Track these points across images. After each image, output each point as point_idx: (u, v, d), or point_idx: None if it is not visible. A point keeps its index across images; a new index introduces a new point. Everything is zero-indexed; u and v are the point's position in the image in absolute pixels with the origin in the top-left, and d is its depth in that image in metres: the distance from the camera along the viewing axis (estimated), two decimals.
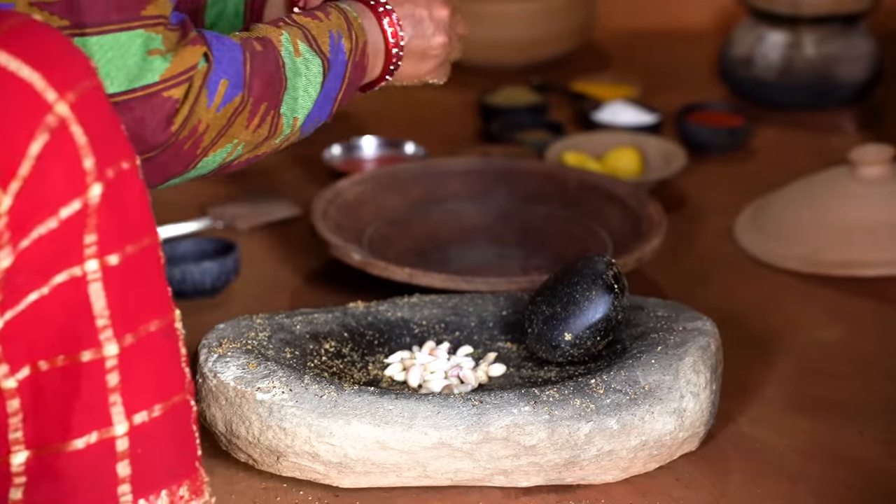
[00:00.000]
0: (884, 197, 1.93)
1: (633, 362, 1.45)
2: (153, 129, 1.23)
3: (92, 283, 1.07)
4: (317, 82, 1.37)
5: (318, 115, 1.39)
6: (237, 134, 1.31)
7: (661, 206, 1.88)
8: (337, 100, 1.40)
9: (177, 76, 1.23)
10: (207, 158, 1.30)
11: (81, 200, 1.04)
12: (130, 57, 1.21)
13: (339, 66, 1.39)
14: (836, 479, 1.46)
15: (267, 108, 1.32)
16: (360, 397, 1.39)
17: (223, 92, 1.28)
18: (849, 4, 2.40)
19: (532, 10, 2.61)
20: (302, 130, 1.38)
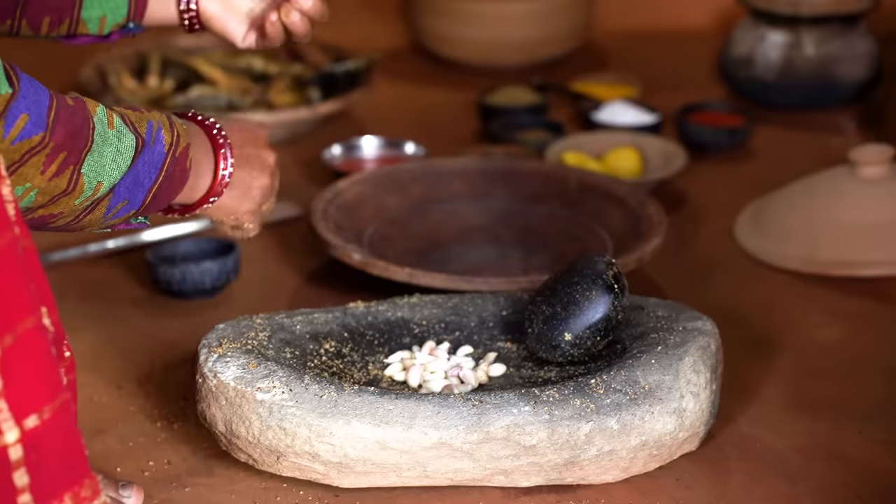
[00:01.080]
0: (883, 197, 1.93)
1: (633, 362, 1.45)
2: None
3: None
4: (127, 156, 1.31)
5: (128, 196, 1.33)
6: (31, 177, 1.25)
7: (661, 206, 1.88)
8: (151, 192, 1.35)
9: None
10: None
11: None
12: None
13: (156, 155, 1.35)
14: (836, 479, 1.46)
15: (66, 160, 1.26)
16: (360, 397, 1.39)
17: (22, 126, 1.22)
18: (849, 4, 2.40)
19: (532, 10, 2.61)
20: (109, 206, 1.32)
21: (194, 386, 1.46)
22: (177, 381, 1.61)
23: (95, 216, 1.32)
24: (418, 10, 2.67)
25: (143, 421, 1.55)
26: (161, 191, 1.36)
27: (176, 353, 1.67)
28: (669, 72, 2.61)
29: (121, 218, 1.35)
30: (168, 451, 1.49)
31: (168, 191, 1.37)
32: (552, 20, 2.63)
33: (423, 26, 2.67)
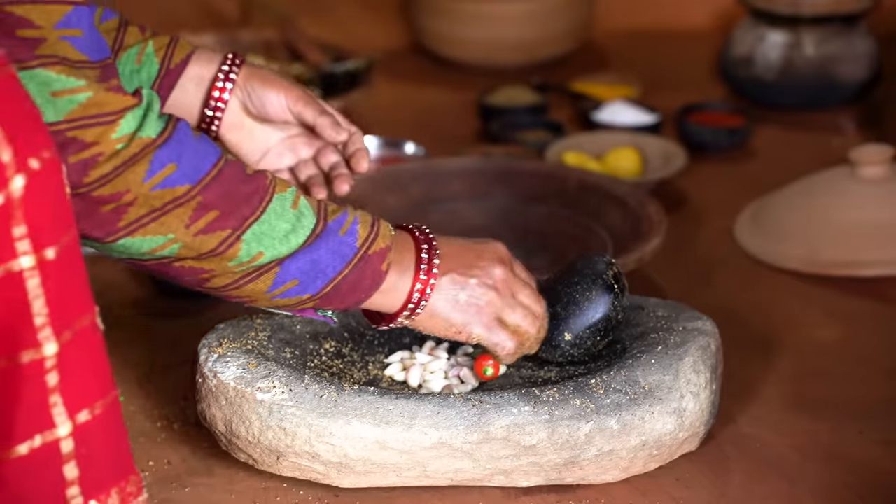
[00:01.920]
0: (884, 197, 1.93)
1: (633, 362, 1.45)
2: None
3: (29, 279, 1.04)
4: (302, 235, 1.32)
5: (301, 278, 1.33)
6: (173, 228, 1.26)
7: (661, 206, 1.88)
8: (333, 281, 1.35)
9: (86, 118, 1.19)
10: (134, 239, 1.25)
11: (4, 194, 1.02)
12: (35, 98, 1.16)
13: (345, 246, 1.35)
14: (836, 479, 1.46)
15: (218, 220, 1.27)
16: (360, 397, 1.39)
17: (167, 174, 1.24)
18: (849, 4, 2.40)
19: (532, 10, 2.61)
20: (275, 281, 1.32)
21: (194, 386, 1.46)
22: (177, 381, 1.61)
23: (258, 287, 1.33)
24: (418, 10, 2.67)
25: (143, 421, 1.55)
26: (346, 284, 1.36)
27: (176, 353, 1.67)
28: (669, 72, 2.61)
29: (292, 299, 1.35)
30: (168, 451, 1.49)
31: (356, 287, 1.37)
32: (552, 20, 2.63)
33: (423, 26, 2.67)
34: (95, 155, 1.21)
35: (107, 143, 1.21)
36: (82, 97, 1.19)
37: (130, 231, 1.25)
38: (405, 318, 1.41)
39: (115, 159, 1.21)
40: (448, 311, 1.41)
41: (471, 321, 1.42)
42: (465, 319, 1.42)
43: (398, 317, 1.41)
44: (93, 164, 1.21)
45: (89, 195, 1.22)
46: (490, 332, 1.43)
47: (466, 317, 1.42)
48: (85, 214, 1.23)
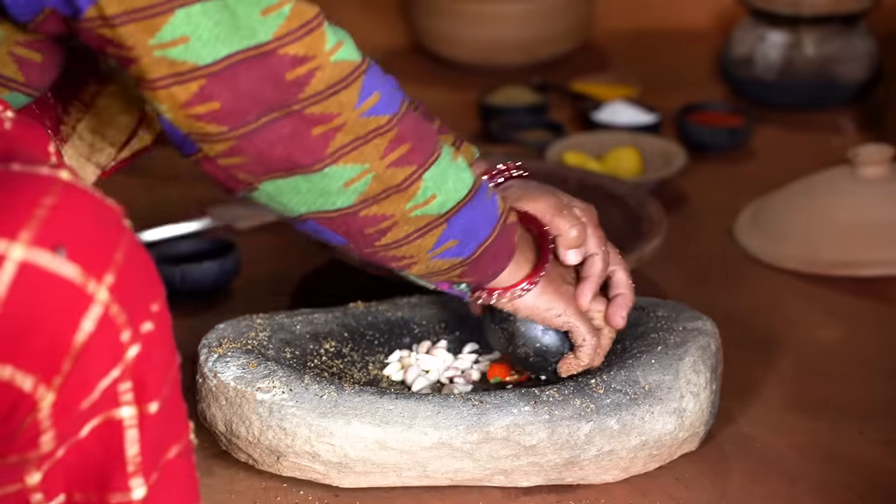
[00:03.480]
0: (884, 197, 1.93)
1: (633, 362, 1.45)
2: (272, 86, 1.19)
3: (128, 429, 1.05)
4: (463, 189, 1.33)
5: (461, 237, 1.34)
6: (371, 158, 1.26)
7: (661, 206, 1.88)
8: (482, 246, 1.35)
9: (293, 31, 1.19)
10: (336, 167, 1.25)
11: (120, 367, 1.03)
12: (241, 18, 1.16)
13: (490, 212, 1.36)
14: (836, 479, 1.46)
15: (408, 154, 1.28)
16: (360, 397, 1.39)
17: (373, 102, 1.24)
18: (849, 4, 2.40)
19: (532, 10, 2.61)
20: (441, 237, 1.32)
21: (194, 386, 1.46)
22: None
23: (425, 243, 1.33)
24: (418, 10, 2.67)
25: None
26: (490, 251, 1.37)
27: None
28: (669, 72, 2.61)
29: (447, 261, 1.36)
30: None
31: (496, 255, 1.38)
32: (552, 20, 2.63)
33: (423, 26, 2.67)
34: (313, 69, 1.20)
35: (322, 56, 1.20)
36: (287, 9, 1.18)
37: (335, 158, 1.24)
38: (515, 295, 1.41)
39: (330, 77, 1.21)
40: (551, 296, 1.42)
41: (568, 308, 1.43)
42: (564, 306, 1.43)
43: (508, 291, 1.41)
44: (310, 78, 1.20)
45: (302, 113, 1.21)
46: (582, 318, 1.44)
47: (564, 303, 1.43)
48: (295, 140, 1.22)
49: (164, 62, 1.16)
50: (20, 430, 1.01)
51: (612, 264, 1.46)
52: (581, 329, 1.43)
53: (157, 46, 1.15)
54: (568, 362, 1.45)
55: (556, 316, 1.43)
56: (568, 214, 1.43)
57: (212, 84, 1.17)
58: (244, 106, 1.19)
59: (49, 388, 1.00)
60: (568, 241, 1.43)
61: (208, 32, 1.16)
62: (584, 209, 1.46)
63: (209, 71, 1.17)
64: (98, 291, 1.01)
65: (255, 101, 1.19)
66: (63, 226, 1.00)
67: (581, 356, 1.44)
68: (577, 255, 1.43)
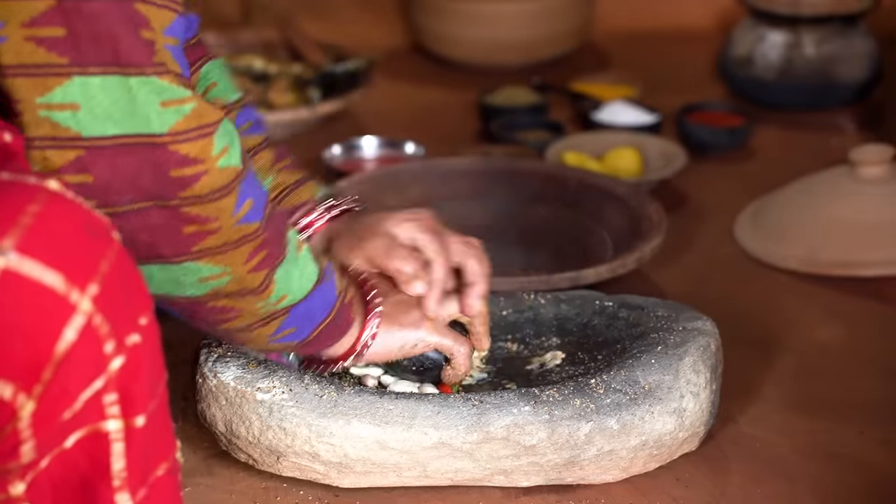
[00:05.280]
0: (883, 197, 1.93)
1: (633, 362, 1.45)
2: (153, 177, 1.16)
3: (114, 442, 1.05)
4: (309, 282, 1.32)
5: (298, 324, 1.34)
6: (235, 263, 1.24)
7: (661, 206, 1.88)
8: (317, 329, 1.35)
9: (189, 131, 1.17)
10: (197, 264, 1.23)
11: (104, 378, 1.03)
12: (139, 103, 1.14)
13: (329, 295, 1.35)
14: (836, 479, 1.46)
15: (265, 260, 1.26)
16: (360, 397, 1.39)
17: (247, 209, 1.23)
18: (849, 4, 2.40)
19: (532, 10, 2.61)
20: (280, 326, 1.32)
21: (194, 386, 1.46)
22: (177, 381, 1.61)
23: (264, 332, 1.32)
24: (418, 10, 2.67)
25: None
26: (325, 332, 1.37)
27: (176, 353, 1.66)
28: (669, 72, 2.61)
29: (282, 345, 1.36)
30: None
31: (330, 334, 1.38)
32: (552, 20, 2.63)
33: (423, 26, 2.67)
34: (199, 172, 1.18)
35: (210, 161, 1.18)
36: (188, 108, 1.16)
37: (199, 256, 1.22)
38: (361, 356, 1.42)
39: (214, 182, 1.19)
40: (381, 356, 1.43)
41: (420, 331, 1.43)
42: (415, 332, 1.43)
43: (337, 363, 1.42)
44: (194, 181, 1.18)
45: (178, 210, 1.18)
46: (441, 333, 1.44)
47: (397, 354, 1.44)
48: (164, 231, 1.19)
49: (46, 123, 1.12)
50: (0, 439, 1.01)
51: (458, 257, 1.46)
52: (445, 343, 1.44)
53: (43, 106, 1.12)
54: (448, 374, 1.47)
55: (413, 347, 1.44)
56: (396, 253, 1.42)
57: (90, 157, 1.14)
58: (118, 187, 1.15)
59: (29, 396, 1.00)
60: (404, 279, 1.43)
61: (101, 108, 1.13)
62: (414, 219, 1.45)
63: (90, 144, 1.13)
64: (81, 301, 1.00)
65: (131, 186, 1.16)
66: (47, 234, 1.00)
67: (457, 366, 1.46)
68: (418, 287, 1.43)
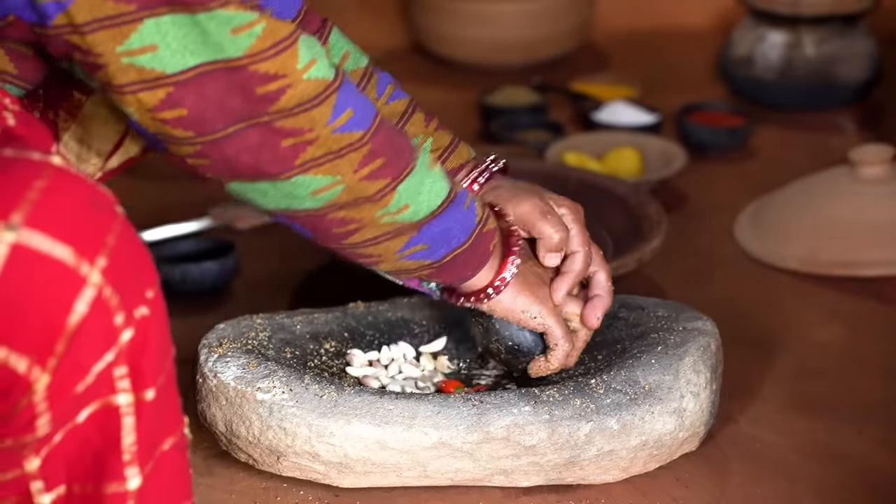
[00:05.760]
0: (883, 197, 1.93)
1: (633, 362, 1.45)
2: (240, 98, 1.19)
3: (125, 416, 1.06)
4: (438, 199, 1.33)
5: (431, 243, 1.35)
6: (343, 171, 1.27)
7: (661, 206, 1.88)
8: (454, 252, 1.36)
9: (265, 50, 1.19)
10: (305, 177, 1.25)
11: (114, 351, 1.04)
12: (210, 35, 1.17)
13: (468, 220, 1.36)
14: (836, 478, 1.46)
15: (382, 168, 1.28)
16: (360, 397, 1.39)
17: (346, 119, 1.25)
18: (849, 4, 2.40)
19: (532, 10, 2.61)
20: (409, 241, 1.33)
21: (194, 386, 1.46)
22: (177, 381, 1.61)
23: (393, 246, 1.34)
24: (418, 9, 2.67)
25: None
26: (462, 258, 1.38)
27: (176, 352, 1.66)
28: (669, 72, 2.61)
29: (415, 263, 1.37)
30: None
31: (468, 262, 1.39)
32: (552, 20, 2.63)
33: (423, 26, 2.67)
34: (284, 86, 1.20)
35: (294, 74, 1.21)
36: (258, 29, 1.19)
37: (305, 169, 1.25)
38: (484, 297, 1.42)
39: (302, 94, 1.21)
40: (527, 298, 1.43)
41: (544, 310, 1.43)
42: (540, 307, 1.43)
43: (471, 297, 1.42)
44: (280, 95, 1.20)
45: (271, 125, 1.21)
46: (558, 321, 1.44)
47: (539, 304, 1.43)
48: (263, 150, 1.22)
49: (131, 69, 1.16)
50: (15, 413, 1.01)
51: (594, 265, 1.47)
52: (556, 332, 1.44)
53: (124, 53, 1.16)
54: (538, 364, 1.47)
55: (531, 318, 1.44)
56: (552, 218, 1.44)
57: (179, 92, 1.18)
58: (211, 115, 1.19)
59: (44, 369, 1.00)
60: (549, 244, 1.44)
61: (176, 43, 1.16)
62: (570, 208, 1.47)
63: (176, 79, 1.17)
64: (91, 273, 1.01)
65: (222, 111, 1.20)
66: (54, 208, 1.01)
67: (552, 360, 1.46)
68: (555, 258, 1.44)
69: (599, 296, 1.47)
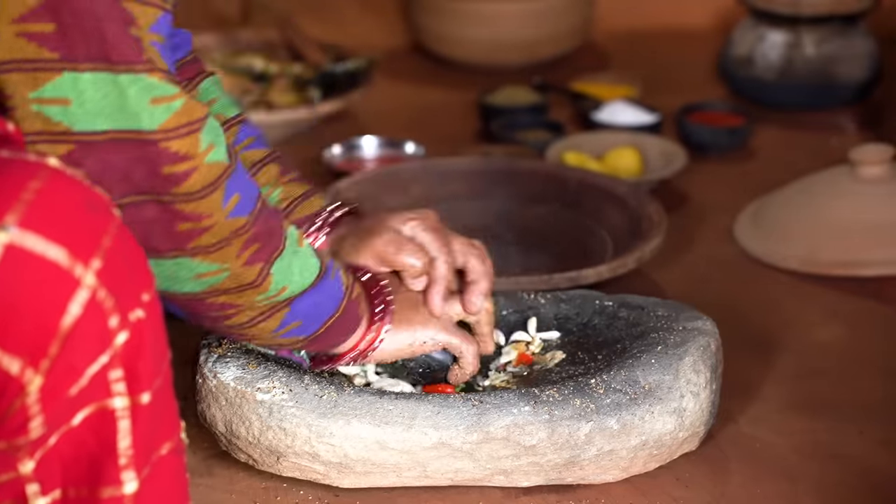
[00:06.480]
0: (883, 197, 1.93)
1: (633, 362, 1.45)
2: (145, 172, 1.17)
3: (121, 419, 1.06)
4: (310, 275, 1.33)
5: (304, 319, 1.34)
6: (229, 258, 1.25)
7: (661, 206, 1.88)
8: (325, 325, 1.36)
9: (179, 127, 1.17)
10: (193, 261, 1.24)
11: (109, 353, 1.03)
12: (129, 100, 1.14)
13: (336, 290, 1.36)
14: (836, 478, 1.46)
15: (258, 253, 1.27)
16: (360, 397, 1.39)
17: (235, 203, 1.23)
18: (849, 4, 2.40)
19: (532, 10, 2.61)
20: (283, 321, 1.32)
21: (194, 386, 1.46)
22: (176, 382, 1.61)
23: (268, 326, 1.33)
24: (418, 9, 2.67)
25: None
26: (333, 328, 1.37)
27: (176, 353, 1.66)
28: (669, 72, 2.61)
29: (289, 339, 1.36)
30: None
31: (338, 331, 1.39)
32: (552, 20, 2.62)
33: (423, 26, 2.67)
34: (190, 169, 1.18)
35: (199, 157, 1.19)
36: (177, 104, 1.17)
37: (194, 253, 1.23)
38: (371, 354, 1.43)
39: (204, 178, 1.19)
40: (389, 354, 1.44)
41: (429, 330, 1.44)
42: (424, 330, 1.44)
43: (340, 360, 1.43)
44: (186, 177, 1.18)
45: (172, 206, 1.19)
46: (449, 332, 1.45)
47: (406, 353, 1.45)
48: (157, 227, 1.20)
49: (38, 118, 1.13)
50: (8, 415, 1.01)
51: (461, 256, 1.47)
52: (452, 342, 1.45)
53: (35, 101, 1.13)
54: (454, 374, 1.48)
55: (422, 344, 1.44)
56: (406, 247, 1.44)
57: (81, 151, 1.14)
58: (109, 182, 1.15)
59: (36, 371, 1.00)
60: (413, 273, 1.44)
61: (92, 103, 1.14)
62: (417, 218, 1.46)
63: (82, 139, 1.14)
64: (85, 275, 1.01)
65: (123, 181, 1.17)
66: (49, 209, 1.01)
67: (465, 365, 1.47)
68: (420, 283, 1.45)
69: (474, 281, 1.47)
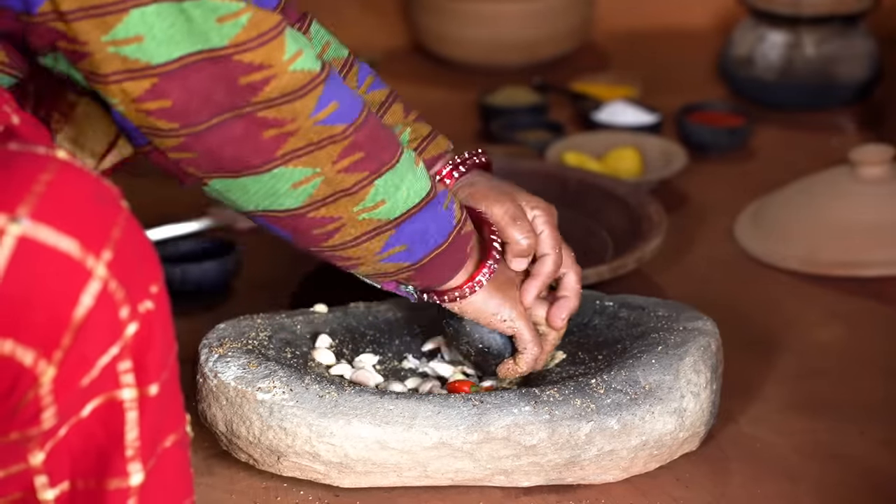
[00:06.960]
0: (884, 197, 1.93)
1: (634, 362, 1.45)
2: (224, 88, 1.20)
3: (129, 411, 1.06)
4: (417, 196, 1.34)
5: (410, 243, 1.35)
6: (322, 162, 1.28)
7: (661, 206, 1.88)
8: (432, 254, 1.37)
9: (250, 40, 1.20)
10: (285, 169, 1.26)
11: (119, 345, 1.04)
12: (195, 23, 1.18)
13: (446, 221, 1.37)
14: (836, 478, 1.46)
15: (361, 161, 1.29)
16: (360, 397, 1.39)
17: (330, 111, 1.26)
18: (849, 4, 2.40)
19: (532, 10, 2.61)
20: (388, 242, 1.33)
21: (194, 386, 1.46)
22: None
23: (372, 246, 1.34)
24: (418, 9, 2.67)
25: None
26: (440, 259, 1.38)
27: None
28: (669, 72, 2.61)
29: (394, 265, 1.37)
30: None
31: (445, 264, 1.39)
32: (552, 20, 2.63)
33: (423, 26, 2.67)
34: (268, 77, 1.21)
35: (279, 65, 1.22)
36: (244, 19, 1.20)
37: (285, 161, 1.26)
38: (458, 296, 1.42)
39: (286, 85, 1.22)
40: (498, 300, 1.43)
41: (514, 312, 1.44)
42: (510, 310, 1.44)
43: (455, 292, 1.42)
44: (264, 85, 1.22)
45: (254, 115, 1.22)
46: (528, 325, 1.45)
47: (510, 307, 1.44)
48: (246, 141, 1.23)
49: (116, 58, 1.17)
50: (21, 406, 1.01)
51: (564, 267, 1.48)
52: (525, 335, 1.45)
53: (110, 43, 1.17)
54: (507, 367, 1.47)
55: (501, 320, 1.44)
56: (521, 224, 1.44)
57: (164, 83, 1.19)
58: (196, 106, 1.20)
59: (50, 362, 1.01)
60: (517, 249, 1.44)
61: (162, 33, 1.17)
62: (543, 209, 1.47)
63: (161, 70, 1.18)
64: (97, 267, 1.01)
65: (206, 102, 1.21)
66: (60, 201, 1.01)
67: (521, 363, 1.46)
68: (522, 263, 1.45)
69: (566, 297, 1.47)
